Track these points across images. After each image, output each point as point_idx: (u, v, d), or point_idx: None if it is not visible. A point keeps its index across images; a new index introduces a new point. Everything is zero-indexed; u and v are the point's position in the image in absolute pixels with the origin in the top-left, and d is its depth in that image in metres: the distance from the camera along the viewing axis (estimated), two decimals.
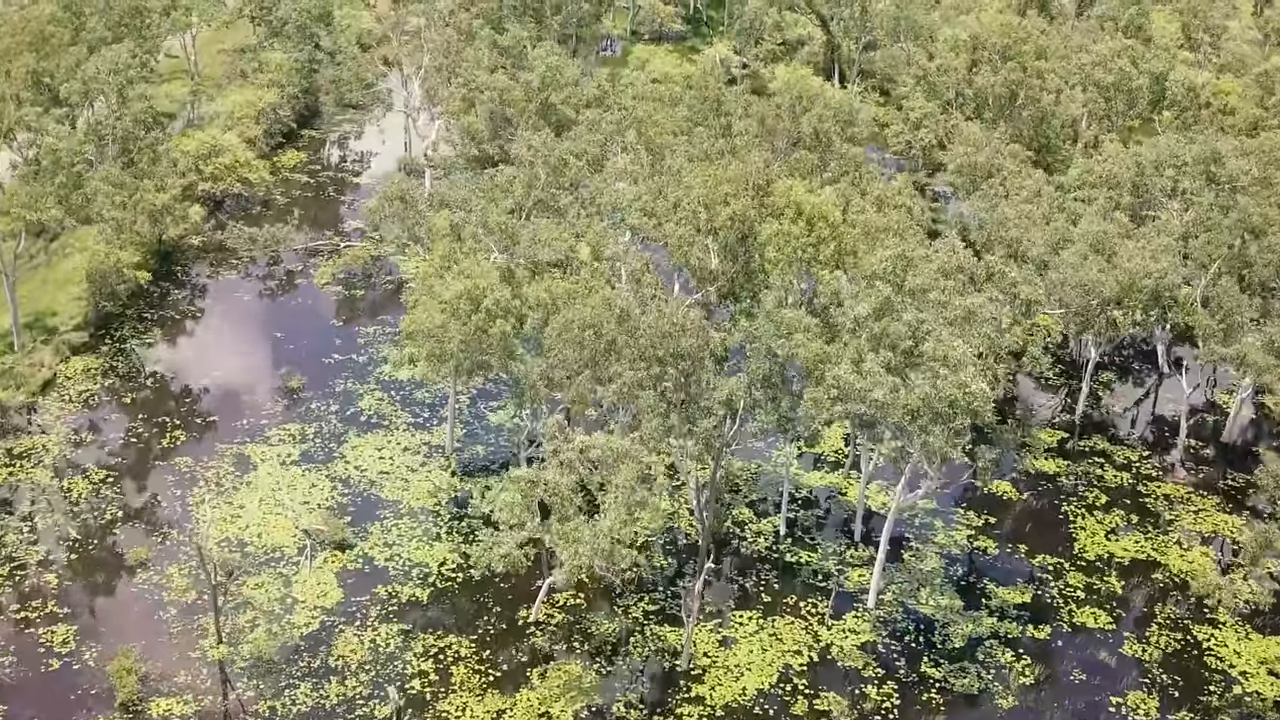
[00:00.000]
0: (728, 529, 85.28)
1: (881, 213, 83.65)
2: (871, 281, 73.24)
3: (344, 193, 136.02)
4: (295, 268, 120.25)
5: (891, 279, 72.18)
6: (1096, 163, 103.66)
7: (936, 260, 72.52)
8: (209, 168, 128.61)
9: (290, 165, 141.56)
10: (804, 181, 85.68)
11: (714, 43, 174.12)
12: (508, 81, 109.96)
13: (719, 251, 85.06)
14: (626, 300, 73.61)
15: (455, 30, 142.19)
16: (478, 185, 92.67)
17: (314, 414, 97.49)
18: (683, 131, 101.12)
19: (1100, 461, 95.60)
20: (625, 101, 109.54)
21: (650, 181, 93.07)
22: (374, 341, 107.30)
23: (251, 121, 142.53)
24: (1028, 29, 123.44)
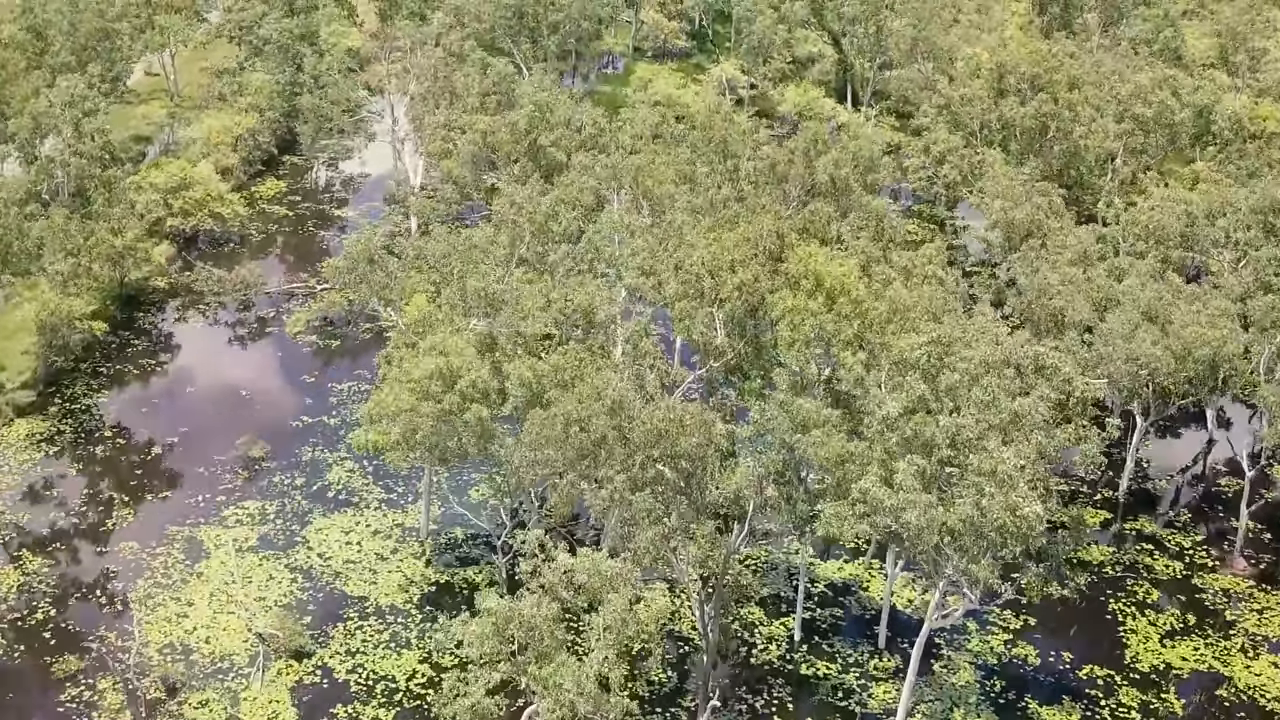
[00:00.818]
0: (735, 630, 74.45)
1: (909, 284, 72.59)
2: (902, 371, 62.24)
3: (325, 227, 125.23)
4: (268, 313, 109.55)
5: (925, 368, 61.17)
6: (1141, 212, 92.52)
7: (978, 350, 61.56)
8: (178, 202, 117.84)
9: (269, 195, 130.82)
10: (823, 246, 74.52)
11: (720, 61, 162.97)
12: (490, 122, 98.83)
13: (725, 324, 74.19)
14: (619, 389, 62.58)
15: (445, 51, 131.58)
16: (455, 243, 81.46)
17: (276, 489, 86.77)
18: (685, 178, 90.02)
19: (1149, 549, 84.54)
20: (622, 139, 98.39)
21: (649, 235, 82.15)
22: (347, 401, 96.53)
23: (229, 149, 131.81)
24: (1059, 57, 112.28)
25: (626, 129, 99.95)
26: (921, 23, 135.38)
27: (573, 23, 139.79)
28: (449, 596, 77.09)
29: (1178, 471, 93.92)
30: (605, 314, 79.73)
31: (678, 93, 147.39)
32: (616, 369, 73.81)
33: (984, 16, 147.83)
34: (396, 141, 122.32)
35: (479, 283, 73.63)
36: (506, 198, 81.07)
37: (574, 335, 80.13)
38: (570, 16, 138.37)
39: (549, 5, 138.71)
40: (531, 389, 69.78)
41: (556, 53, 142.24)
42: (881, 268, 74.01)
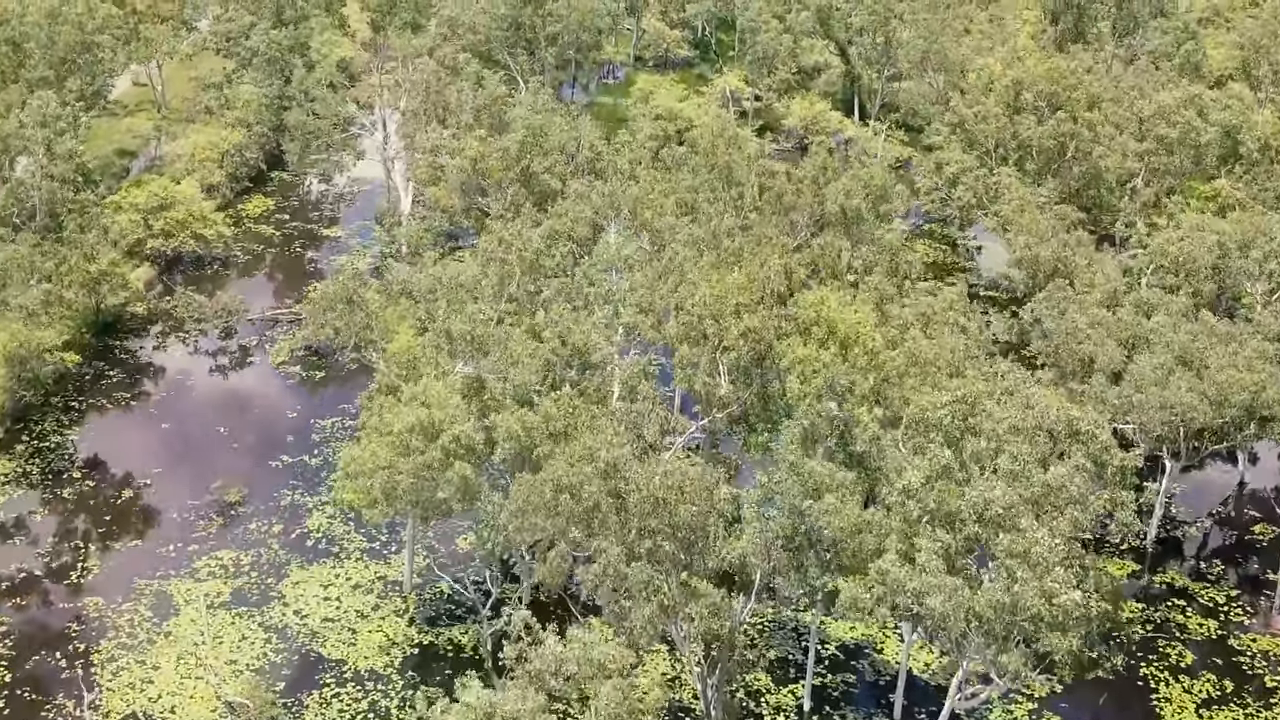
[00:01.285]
0: (740, 702, 68.65)
1: (929, 330, 66.68)
2: (923, 431, 56.37)
3: (314, 248, 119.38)
4: (250, 340, 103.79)
5: (949, 429, 55.29)
6: (1170, 241, 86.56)
7: (1006, 411, 55.71)
8: (159, 223, 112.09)
9: (256, 214, 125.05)
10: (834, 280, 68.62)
11: (723, 71, 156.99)
12: (479, 147, 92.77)
13: (730, 373, 68.30)
14: (613, 449, 56.75)
15: (439, 64, 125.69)
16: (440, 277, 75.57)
17: (253, 536, 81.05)
18: (687, 207, 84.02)
19: (1181, 605, 78.61)
20: (620, 163, 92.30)
21: (648, 269, 76.26)
22: (330, 438, 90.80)
23: (214, 165, 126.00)
24: (1077, 74, 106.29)
25: (625, 152, 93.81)
26: (932, 35, 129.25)
27: (571, 34, 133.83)
28: (434, 662, 71.33)
29: (1207, 515, 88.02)
30: (601, 354, 73.99)
31: (680, 106, 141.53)
32: (612, 416, 67.98)
33: (996, 27, 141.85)
34: (387, 160, 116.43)
35: (464, 325, 67.81)
36: (494, 234, 74.96)
37: (568, 376, 74.45)
38: (568, 28, 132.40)
39: (546, 16, 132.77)
40: (520, 442, 63.96)
41: (555, 64, 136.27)
42: (898, 309, 68.04)
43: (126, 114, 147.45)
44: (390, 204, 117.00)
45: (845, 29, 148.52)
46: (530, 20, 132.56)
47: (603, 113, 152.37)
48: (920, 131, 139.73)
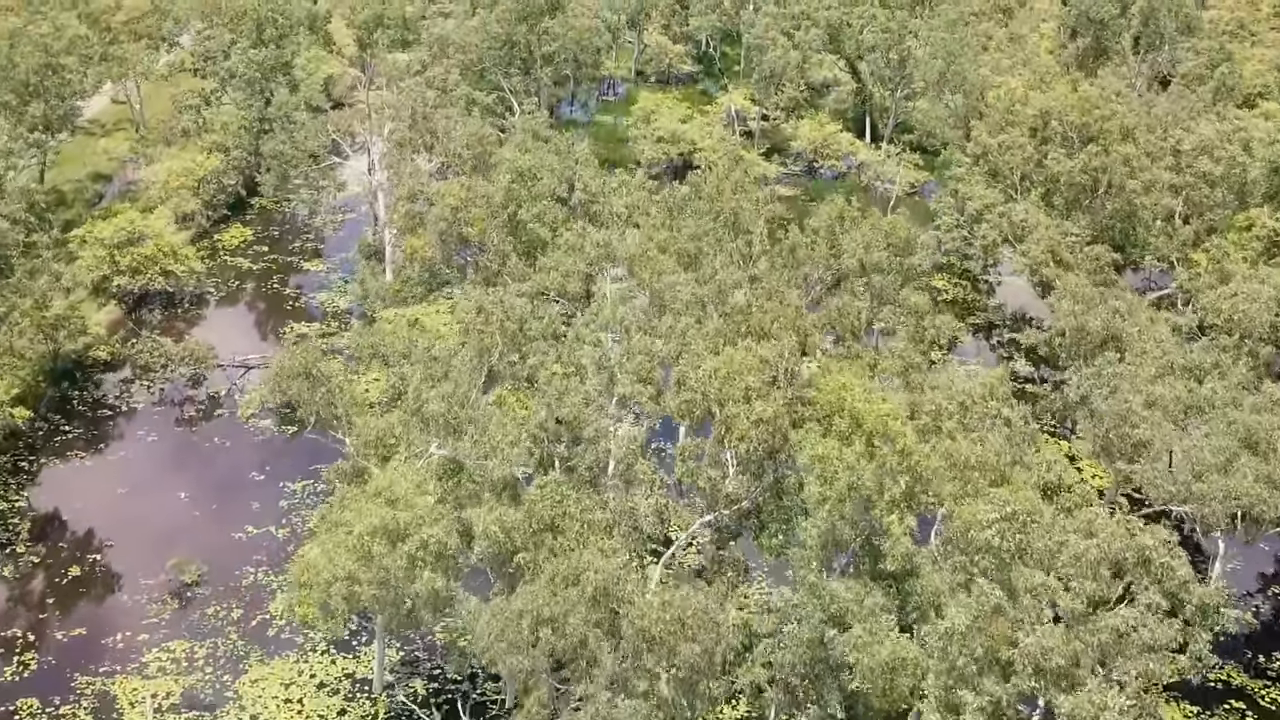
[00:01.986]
0: None
1: (966, 419, 57.75)
2: (968, 552, 47.49)
3: (294, 283, 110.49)
4: (220, 389, 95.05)
5: (998, 553, 46.45)
6: (1222, 298, 77.61)
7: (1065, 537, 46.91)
8: (126, 259, 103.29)
9: (233, 245, 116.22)
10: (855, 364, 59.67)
11: (728, 88, 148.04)
12: (461, 194, 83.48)
13: (739, 464, 59.44)
14: (604, 564, 47.91)
15: (427, 84, 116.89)
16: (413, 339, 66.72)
17: (209, 624, 72.33)
18: (689, 257, 74.93)
19: (1240, 708, 69.64)
20: (617, 204, 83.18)
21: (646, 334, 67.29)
22: (301, 505, 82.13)
23: (189, 193, 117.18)
24: (1109, 102, 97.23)
25: (622, 193, 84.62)
26: (951, 55, 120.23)
27: (568, 53, 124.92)
28: None
29: (1260, 593, 79.04)
30: (595, 428, 65.18)
31: (683, 128, 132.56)
32: (604, 507, 59.17)
33: (1017, 45, 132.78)
34: (372, 190, 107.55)
35: (438, 406, 58.96)
36: (473, 302, 65.91)
37: (557, 452, 65.70)
38: (565, 46, 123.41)
39: (542, 35, 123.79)
40: (500, 544, 55.15)
41: (552, 81, 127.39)
42: (930, 393, 59.10)
43: (103, 134, 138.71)
44: (375, 237, 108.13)
45: (856, 46, 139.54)
46: (525, 39, 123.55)
47: (602, 132, 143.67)
48: (936, 154, 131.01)
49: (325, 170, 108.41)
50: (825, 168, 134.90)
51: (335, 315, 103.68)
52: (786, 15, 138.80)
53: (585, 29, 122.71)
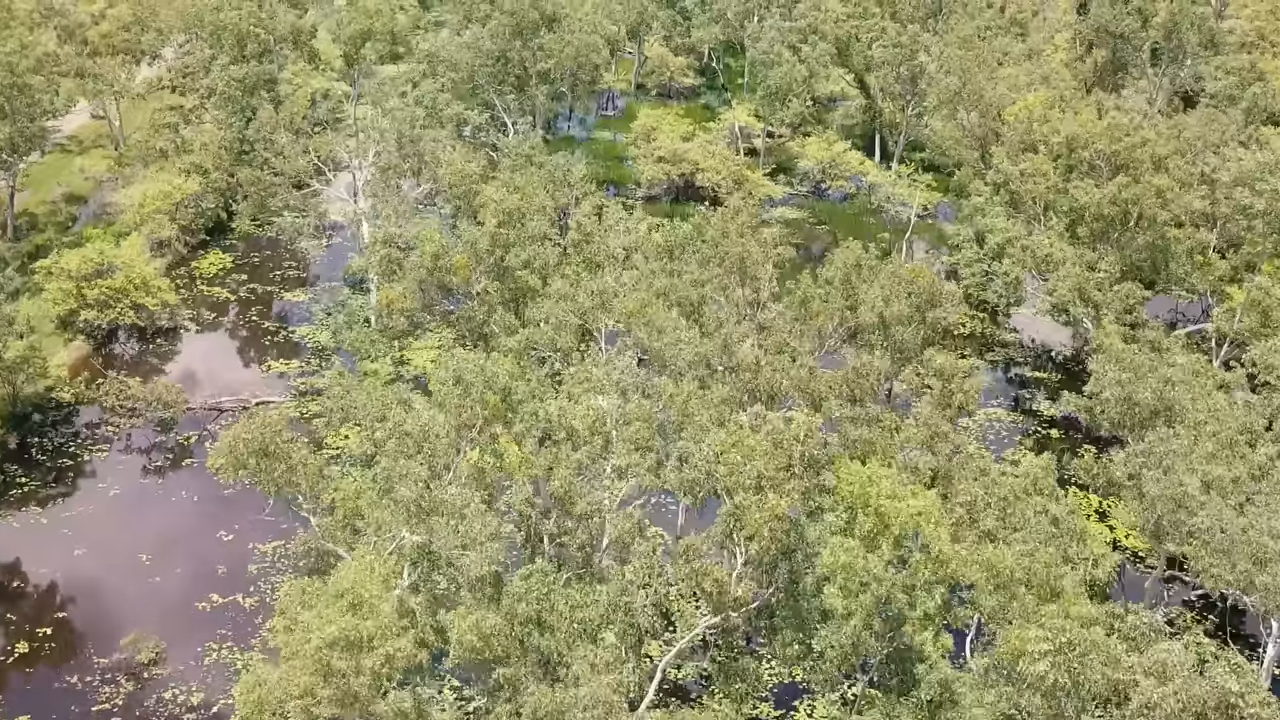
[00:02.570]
0: None
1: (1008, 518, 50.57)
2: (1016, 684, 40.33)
3: (273, 315, 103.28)
4: (190, 435, 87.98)
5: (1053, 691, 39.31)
6: (1273, 352, 70.39)
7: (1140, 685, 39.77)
8: (94, 291, 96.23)
9: (211, 273, 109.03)
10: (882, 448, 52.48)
11: (732, 103, 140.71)
12: (441, 241, 75.89)
13: (750, 562, 52.25)
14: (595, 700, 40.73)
15: (417, 104, 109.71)
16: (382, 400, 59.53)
17: (166, 710, 65.27)
18: (692, 306, 67.57)
19: None
20: (613, 244, 75.76)
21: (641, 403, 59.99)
22: (271, 569, 75.08)
23: (166, 218, 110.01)
24: (1142, 133, 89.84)
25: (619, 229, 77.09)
26: (966, 72, 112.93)
27: (565, 69, 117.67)
28: None
29: None
30: (588, 503, 58.09)
31: (685, 147, 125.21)
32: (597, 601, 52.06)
33: (1035, 62, 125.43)
34: (356, 218, 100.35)
35: (410, 491, 51.79)
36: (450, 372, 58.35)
37: (546, 529, 58.62)
38: (561, 64, 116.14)
39: (538, 51, 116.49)
40: (477, 651, 48.01)
41: (547, 101, 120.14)
42: (966, 488, 51.84)
43: (81, 151, 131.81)
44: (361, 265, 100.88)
45: (865, 60, 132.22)
46: (519, 56, 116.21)
47: (600, 149, 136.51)
48: (950, 174, 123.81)
49: (307, 197, 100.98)
50: (833, 189, 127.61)
51: (317, 351, 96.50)
52: (793, 29, 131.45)
53: (583, 45, 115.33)
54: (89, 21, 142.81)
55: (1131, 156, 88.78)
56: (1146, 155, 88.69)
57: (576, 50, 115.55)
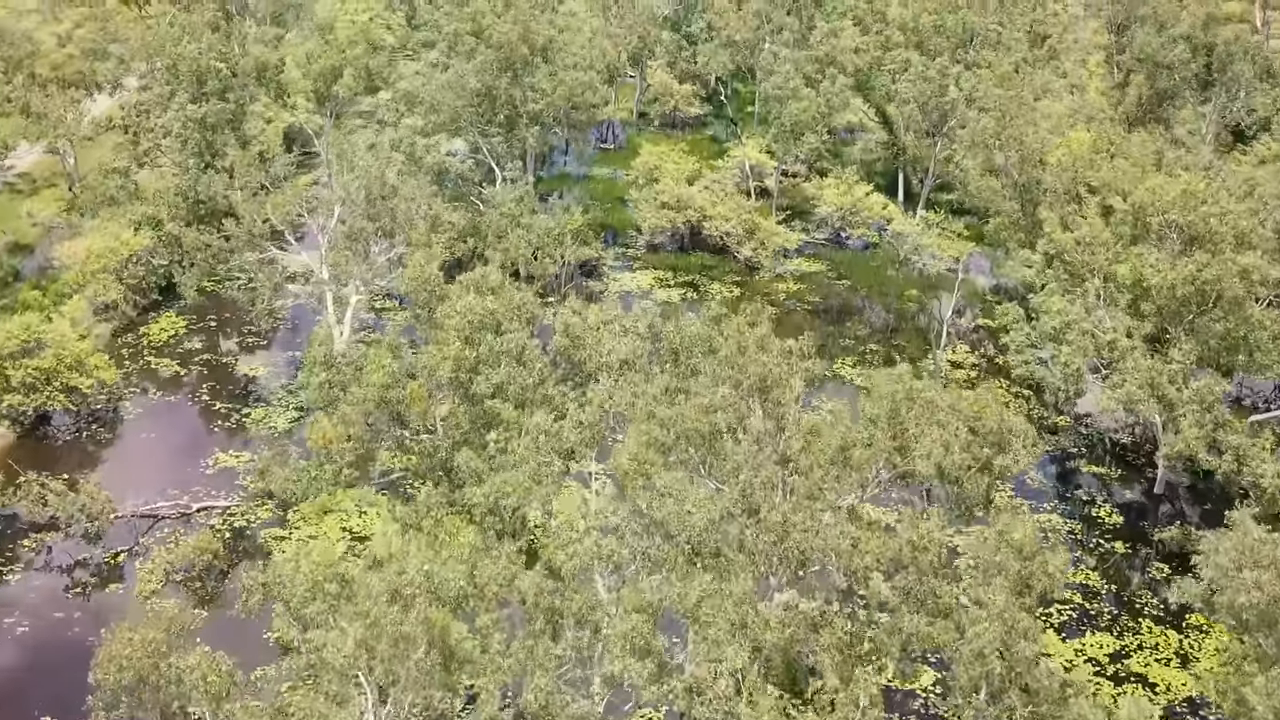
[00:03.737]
0: None
1: None
2: None
3: (227, 393, 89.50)
4: (121, 549, 74.38)
5: None
6: None
7: None
8: (19, 373, 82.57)
9: (160, 341, 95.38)
10: None
11: (740, 134, 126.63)
12: (391, 370, 61.20)
13: None
14: None
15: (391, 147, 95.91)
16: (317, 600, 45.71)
17: None
18: (703, 439, 53.42)
19: None
20: (608, 356, 61.46)
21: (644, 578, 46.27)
22: None
23: (112, 278, 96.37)
24: (1221, 202, 75.78)
25: (614, 336, 62.88)
26: (1005, 115, 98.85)
27: (556, 110, 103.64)
28: None
29: None
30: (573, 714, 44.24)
31: (691, 193, 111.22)
32: None
33: (1077, 96, 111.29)
34: (319, 286, 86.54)
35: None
36: (387, 584, 43.98)
37: None
38: (553, 104, 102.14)
39: (528, 91, 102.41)
40: None
41: (539, 144, 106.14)
42: None
43: (32, 191, 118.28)
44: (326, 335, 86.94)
45: (888, 93, 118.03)
46: (507, 94, 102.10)
47: (598, 189, 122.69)
48: (984, 219, 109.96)
49: (264, 263, 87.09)
50: (854, 237, 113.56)
51: (273, 440, 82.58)
52: (809, 58, 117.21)
53: (576, 84, 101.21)
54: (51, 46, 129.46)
55: (1208, 228, 74.77)
56: (1227, 227, 74.67)
57: (570, 90, 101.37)
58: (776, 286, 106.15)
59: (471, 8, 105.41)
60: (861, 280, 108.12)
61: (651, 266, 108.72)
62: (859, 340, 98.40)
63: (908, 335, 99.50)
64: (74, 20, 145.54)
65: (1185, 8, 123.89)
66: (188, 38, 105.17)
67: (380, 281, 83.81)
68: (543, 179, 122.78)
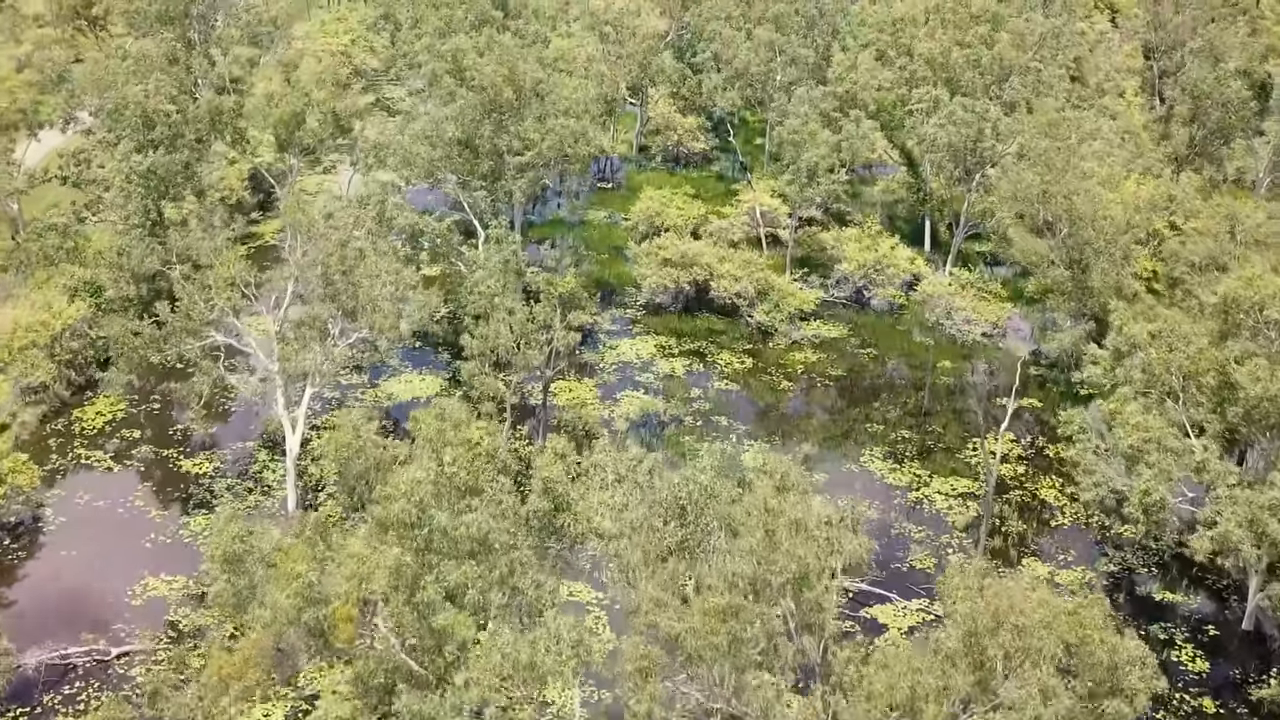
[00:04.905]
0: None
1: None
2: None
3: (167, 496, 76.21)
4: (19, 710, 60.76)
5: None
6: None
7: None
8: None
9: (95, 427, 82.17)
10: None
11: (750, 179, 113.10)
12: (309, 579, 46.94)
13: None
14: None
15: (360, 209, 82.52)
16: None
17: None
18: (717, 652, 39.81)
19: None
20: (596, 518, 47.76)
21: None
22: None
23: (43, 353, 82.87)
24: None
25: (610, 502, 49.12)
26: (1051, 167, 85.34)
27: (545, 160, 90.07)
28: None
29: None
30: None
31: (697, 249, 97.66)
32: None
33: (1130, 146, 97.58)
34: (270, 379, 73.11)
35: None
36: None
37: None
38: (542, 154, 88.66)
39: (514, 140, 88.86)
40: None
41: (525, 198, 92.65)
42: None
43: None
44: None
45: (915, 137, 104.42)
46: (491, 143, 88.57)
47: (595, 235, 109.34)
48: (1023, 274, 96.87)
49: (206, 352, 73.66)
50: (879, 297, 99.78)
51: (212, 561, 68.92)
52: (828, 94, 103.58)
53: (568, 133, 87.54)
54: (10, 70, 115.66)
55: None
56: None
57: (561, 140, 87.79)
58: (793, 357, 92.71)
59: (450, 45, 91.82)
60: (888, 347, 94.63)
61: (652, 331, 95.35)
62: (888, 424, 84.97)
63: (943, 418, 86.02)
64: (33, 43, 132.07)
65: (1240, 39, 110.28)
66: (133, 78, 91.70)
67: (340, 375, 70.32)
68: (533, 224, 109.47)
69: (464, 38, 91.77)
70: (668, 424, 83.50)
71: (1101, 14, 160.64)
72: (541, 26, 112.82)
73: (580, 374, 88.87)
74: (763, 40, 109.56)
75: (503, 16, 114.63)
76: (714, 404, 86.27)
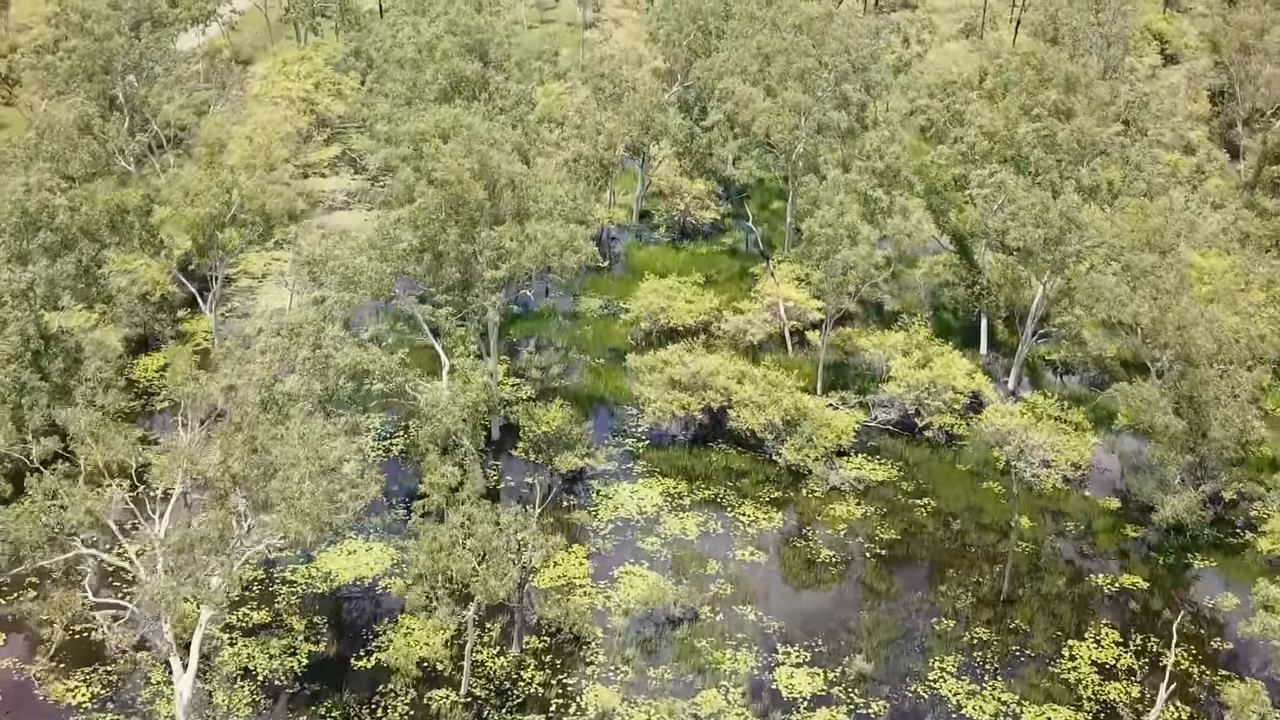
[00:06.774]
0: None
1: None
2: None
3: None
4: None
5: None
6: None
7: None
8: None
9: None
10: None
11: (770, 264, 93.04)
12: None
13: None
14: None
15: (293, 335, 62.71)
16: None
17: None
18: None
19: None
20: None
21: None
22: None
23: None
24: None
25: None
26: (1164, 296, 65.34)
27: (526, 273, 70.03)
28: None
29: None
30: None
31: (711, 366, 77.30)
32: None
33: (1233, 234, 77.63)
34: (148, 608, 53.04)
35: None
36: None
37: None
38: (522, 264, 68.54)
39: (484, 250, 68.62)
40: None
41: (500, 315, 72.43)
42: None
43: None
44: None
45: (971, 227, 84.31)
46: (457, 252, 68.40)
47: (589, 331, 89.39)
48: (1101, 386, 77.20)
49: (69, 564, 53.92)
50: (934, 425, 79.17)
51: None
52: (868, 169, 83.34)
53: (553, 244, 67.26)
54: None
55: None
56: None
57: (544, 250, 67.56)
58: (832, 511, 72.69)
59: (410, 126, 71.47)
60: (948, 495, 74.51)
61: (658, 471, 75.33)
62: (959, 618, 64.91)
63: (1028, 607, 65.85)
64: None
65: None
66: (18, 162, 71.49)
67: None
68: (519, 317, 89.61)
69: (428, 116, 71.34)
70: (679, 620, 63.62)
71: (1150, 45, 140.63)
72: (525, 85, 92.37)
73: (568, 537, 68.97)
74: (788, 103, 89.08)
75: (482, 68, 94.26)
76: (736, 585, 66.44)
